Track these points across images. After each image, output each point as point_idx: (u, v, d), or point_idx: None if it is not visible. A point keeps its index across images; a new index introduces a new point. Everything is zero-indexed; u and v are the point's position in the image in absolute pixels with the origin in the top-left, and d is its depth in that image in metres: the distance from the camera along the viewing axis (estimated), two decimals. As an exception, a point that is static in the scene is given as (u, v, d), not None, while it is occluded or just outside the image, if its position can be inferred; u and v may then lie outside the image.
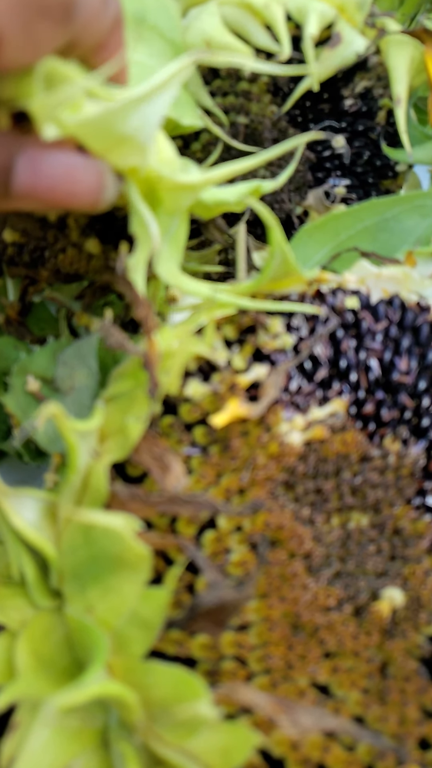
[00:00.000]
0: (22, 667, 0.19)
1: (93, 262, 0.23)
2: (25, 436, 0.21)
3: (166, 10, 0.23)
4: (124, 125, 0.16)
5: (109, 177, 0.18)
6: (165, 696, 0.17)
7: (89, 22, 0.16)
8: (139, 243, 0.19)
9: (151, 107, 0.16)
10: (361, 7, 0.27)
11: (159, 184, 0.18)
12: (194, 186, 0.19)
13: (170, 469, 0.19)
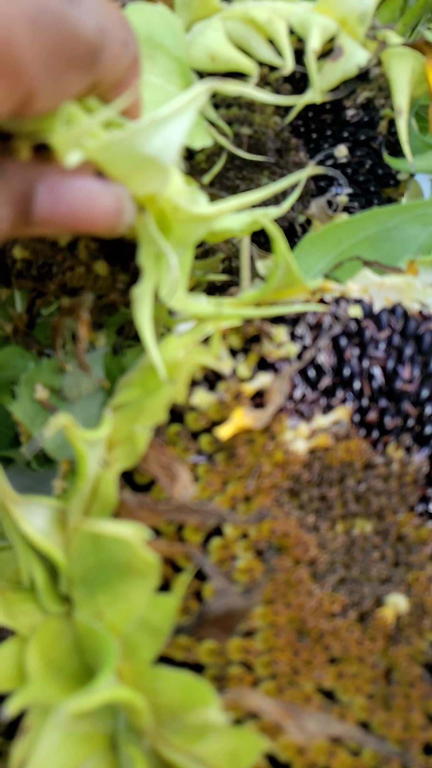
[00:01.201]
0: (33, 672, 0.19)
1: (100, 282, 0.23)
2: (36, 448, 0.22)
3: (171, 29, 0.24)
4: (146, 147, 0.16)
5: (127, 201, 0.18)
6: (173, 701, 0.17)
7: (111, 64, 0.17)
8: (147, 274, 0.19)
9: (171, 130, 0.17)
10: (363, 21, 0.28)
11: (174, 214, 0.19)
12: (208, 217, 0.20)
13: (178, 478, 0.19)
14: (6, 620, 0.20)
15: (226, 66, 0.27)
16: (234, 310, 0.23)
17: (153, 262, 0.20)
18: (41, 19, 0.15)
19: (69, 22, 0.16)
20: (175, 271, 0.19)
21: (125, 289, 0.24)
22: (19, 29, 0.15)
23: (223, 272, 0.34)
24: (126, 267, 0.23)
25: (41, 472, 0.30)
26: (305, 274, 0.27)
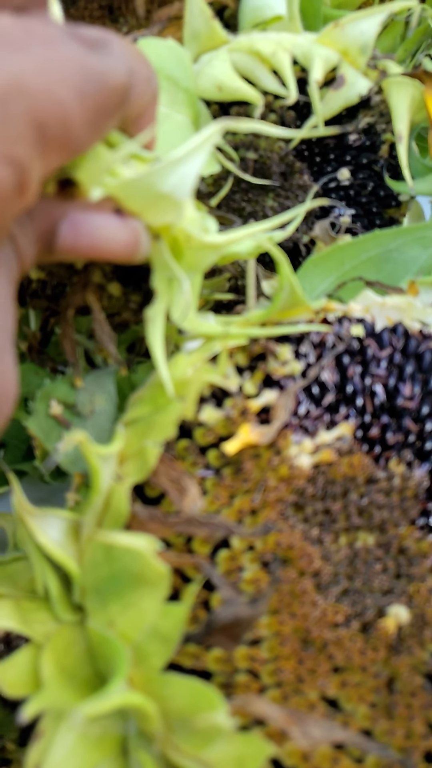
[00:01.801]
0: (47, 678, 0.20)
1: (113, 302, 0.24)
2: (53, 464, 0.23)
3: (180, 61, 0.25)
4: (162, 185, 0.17)
5: (144, 236, 0.19)
6: (183, 706, 0.18)
7: (137, 101, 0.18)
8: (159, 296, 0.20)
9: (186, 168, 0.18)
10: (364, 51, 0.29)
11: (186, 242, 0.20)
12: (219, 246, 0.21)
13: (187, 492, 0.20)
14: (21, 628, 0.21)
15: (232, 96, 0.28)
16: (241, 330, 0.24)
17: (165, 285, 0.21)
18: (86, 87, 0.16)
19: (107, 77, 0.16)
20: (187, 296, 0.20)
21: (137, 309, 0.25)
22: (71, 104, 0.16)
23: (230, 291, 0.35)
24: (138, 288, 0.25)
25: (53, 484, 0.31)
26: (309, 293, 0.28)
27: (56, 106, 0.15)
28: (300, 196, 0.33)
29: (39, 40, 0.15)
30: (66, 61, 0.15)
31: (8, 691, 0.20)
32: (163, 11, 0.31)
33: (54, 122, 0.15)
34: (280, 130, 0.22)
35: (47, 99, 0.15)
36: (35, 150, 0.15)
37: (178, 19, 0.32)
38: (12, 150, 0.15)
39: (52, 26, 0.16)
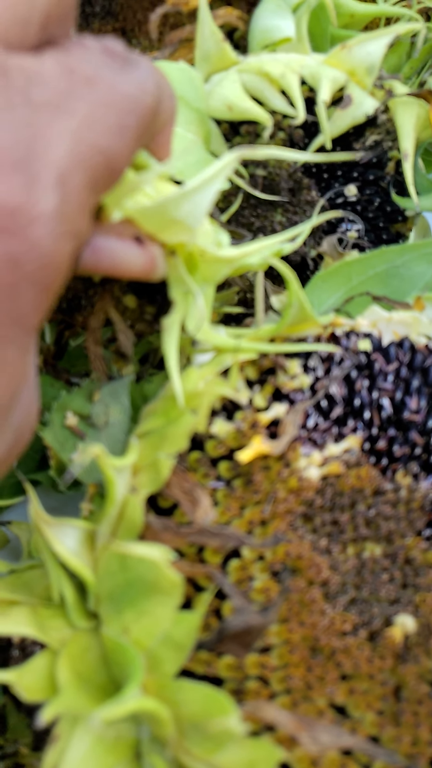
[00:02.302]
0: (64, 683, 0.20)
1: (128, 313, 0.25)
2: (71, 478, 0.24)
3: (191, 82, 0.26)
4: (177, 213, 0.18)
5: (160, 258, 0.20)
6: (195, 712, 0.19)
7: (161, 116, 0.18)
8: (176, 307, 0.21)
9: (200, 197, 0.18)
10: (370, 72, 0.29)
11: (201, 256, 0.20)
12: (232, 259, 0.21)
13: (199, 503, 0.21)
14: (38, 634, 0.22)
15: (242, 115, 0.29)
16: (252, 345, 0.24)
17: (182, 297, 0.21)
18: (127, 121, 0.16)
19: (142, 99, 0.17)
20: (201, 309, 0.20)
21: (152, 320, 0.26)
22: (117, 146, 0.16)
23: (238, 304, 0.36)
24: (153, 300, 0.25)
25: (67, 494, 0.32)
26: (317, 308, 0.29)
27: (106, 158, 0.16)
28: (308, 212, 0.33)
29: (81, 82, 0.16)
30: (108, 103, 0.16)
31: (26, 695, 0.20)
32: (175, 34, 0.32)
33: (104, 174, 0.16)
34: (294, 153, 0.23)
35: (98, 156, 0.15)
36: (91, 209, 0.16)
37: (189, 41, 0.33)
38: (75, 225, 0.15)
39: (89, 57, 0.16)
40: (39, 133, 0.14)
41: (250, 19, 0.34)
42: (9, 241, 0.14)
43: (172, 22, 0.34)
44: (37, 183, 0.14)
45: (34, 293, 0.15)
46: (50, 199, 0.14)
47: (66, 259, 0.15)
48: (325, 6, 0.33)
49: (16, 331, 0.15)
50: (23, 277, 0.14)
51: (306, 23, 0.31)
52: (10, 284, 0.14)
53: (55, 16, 0.16)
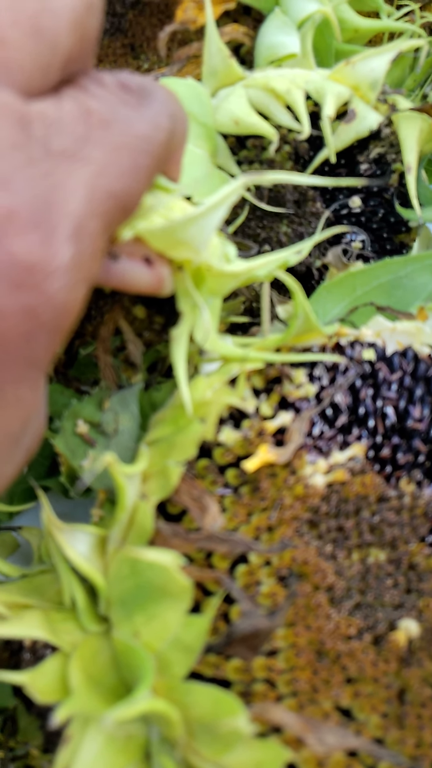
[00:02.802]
0: (76, 685, 0.21)
1: (137, 324, 0.26)
2: (83, 486, 0.24)
3: (199, 98, 0.27)
4: (184, 235, 0.19)
5: (168, 277, 0.21)
6: (204, 713, 0.19)
7: (175, 142, 0.19)
8: (185, 319, 0.22)
9: (207, 221, 0.19)
10: (374, 87, 0.30)
11: (207, 271, 0.21)
12: (238, 274, 0.22)
13: (208, 510, 0.21)
14: (51, 637, 0.22)
15: (248, 130, 0.30)
16: (259, 354, 0.25)
17: (190, 309, 0.22)
18: (141, 161, 0.17)
19: (157, 136, 0.17)
20: (207, 322, 0.21)
21: (160, 330, 0.26)
22: (132, 186, 0.16)
23: (244, 313, 0.36)
24: (161, 310, 0.26)
25: (76, 499, 0.32)
26: (322, 318, 0.29)
27: (119, 201, 0.16)
28: (313, 223, 0.34)
29: (97, 125, 0.16)
30: (123, 146, 0.16)
31: (39, 697, 0.21)
32: (183, 50, 0.33)
33: (118, 216, 0.16)
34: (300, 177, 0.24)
35: (112, 200, 0.16)
36: (104, 249, 0.16)
37: (196, 57, 0.34)
38: (90, 272, 0.16)
39: (106, 95, 0.17)
40: (57, 184, 0.15)
41: (256, 35, 0.35)
42: (27, 295, 0.14)
43: (180, 38, 0.35)
44: (54, 237, 0.15)
45: (48, 338, 0.15)
46: (66, 252, 0.15)
47: (79, 304, 0.16)
48: (329, 22, 0.34)
49: (30, 372, 0.16)
50: (39, 326, 0.15)
51: (311, 39, 0.32)
52: (26, 333, 0.15)
53: (76, 56, 0.17)
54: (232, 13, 0.36)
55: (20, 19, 0.15)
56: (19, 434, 0.17)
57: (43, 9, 0.15)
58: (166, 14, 0.35)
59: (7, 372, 0.15)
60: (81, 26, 0.17)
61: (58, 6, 0.16)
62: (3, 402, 0.15)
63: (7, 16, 0.15)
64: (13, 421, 0.16)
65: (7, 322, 0.14)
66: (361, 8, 0.37)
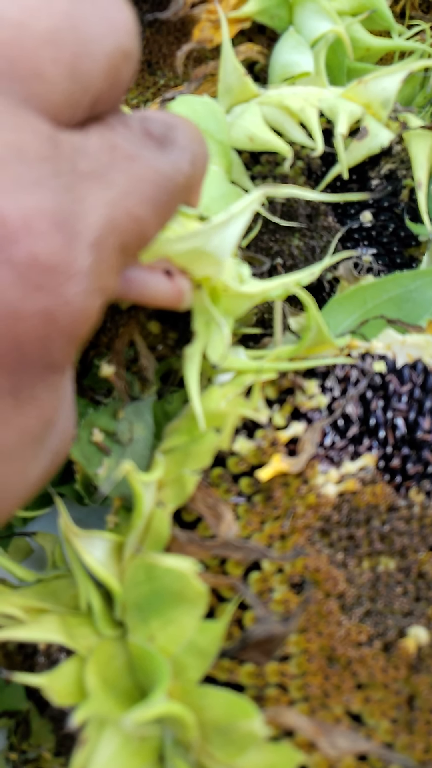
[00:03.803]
0: (92, 689, 0.21)
1: (150, 338, 0.26)
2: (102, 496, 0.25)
3: (214, 116, 0.27)
4: (207, 245, 0.20)
5: (188, 290, 0.21)
6: (219, 716, 0.20)
7: (195, 178, 0.20)
8: (199, 338, 0.22)
9: (229, 231, 0.20)
10: (386, 105, 0.31)
11: (224, 291, 0.22)
12: (253, 295, 0.23)
13: (223, 518, 0.22)
14: (68, 641, 0.23)
15: (263, 146, 0.30)
16: (273, 365, 0.26)
17: (204, 327, 0.23)
18: (160, 197, 0.17)
19: (177, 178, 0.18)
20: (228, 340, 0.22)
21: (174, 345, 0.27)
22: (149, 219, 0.17)
23: (256, 324, 0.37)
24: (175, 326, 0.27)
25: (90, 506, 0.33)
26: (333, 330, 0.30)
27: (138, 226, 0.17)
28: (324, 237, 0.35)
29: (122, 158, 0.17)
30: (145, 177, 0.17)
31: (56, 699, 0.21)
32: (200, 69, 0.34)
33: (135, 240, 0.17)
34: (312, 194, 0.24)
35: (131, 223, 0.17)
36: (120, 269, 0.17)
37: (212, 75, 0.35)
38: (105, 281, 0.16)
39: (131, 137, 0.18)
40: (80, 198, 0.15)
41: (270, 53, 0.36)
42: (46, 298, 0.15)
43: (196, 55, 0.36)
44: (75, 243, 0.15)
45: (65, 343, 0.16)
46: (86, 259, 0.15)
47: (95, 313, 0.16)
48: (342, 41, 0.35)
49: (47, 374, 0.16)
50: (56, 330, 0.15)
51: (324, 58, 0.33)
52: (43, 337, 0.15)
53: (105, 98, 0.17)
54: (247, 32, 0.37)
55: (61, 58, 0.16)
56: (40, 434, 0.17)
57: (83, 52, 0.16)
58: (182, 32, 0.36)
59: (24, 374, 0.15)
60: (115, 72, 0.17)
61: (98, 51, 0.16)
62: (20, 402, 0.16)
63: (49, 52, 0.15)
64: (31, 421, 0.16)
65: (25, 324, 0.15)
66: (372, 27, 0.38)
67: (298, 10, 0.35)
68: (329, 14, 0.35)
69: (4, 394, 0.15)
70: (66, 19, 0.16)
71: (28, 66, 0.15)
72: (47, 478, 0.19)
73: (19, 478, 0.17)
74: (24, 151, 0.15)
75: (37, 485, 0.19)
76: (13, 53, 0.15)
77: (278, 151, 0.30)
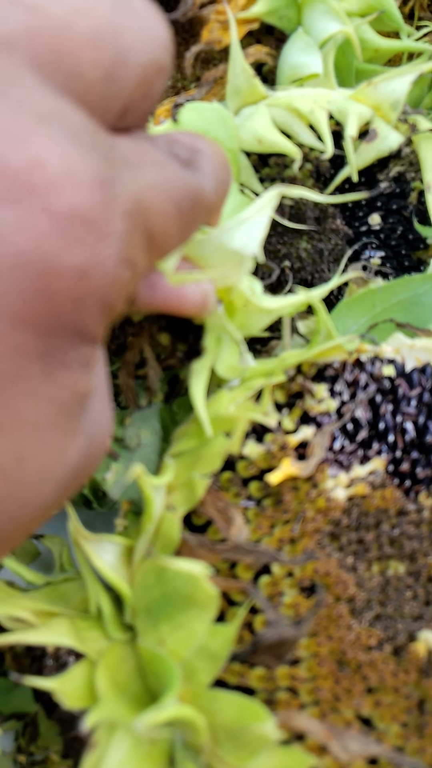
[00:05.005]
0: (103, 692, 0.21)
1: (159, 349, 0.26)
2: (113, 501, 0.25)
3: (224, 122, 0.27)
4: (232, 243, 0.20)
5: (212, 296, 0.21)
6: (230, 720, 0.20)
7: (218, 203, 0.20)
8: (208, 353, 0.22)
9: (253, 227, 0.20)
10: (395, 108, 0.31)
11: (244, 306, 0.22)
12: (273, 311, 0.23)
13: (233, 522, 0.22)
14: (78, 645, 0.23)
15: (272, 148, 0.30)
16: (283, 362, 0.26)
17: (214, 343, 0.23)
18: (183, 205, 0.18)
19: (200, 196, 0.18)
20: (250, 362, 0.22)
21: (183, 357, 0.27)
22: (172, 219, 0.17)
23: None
24: (185, 339, 0.27)
25: (97, 510, 0.33)
26: (341, 333, 0.30)
27: (162, 220, 0.17)
28: (332, 239, 0.35)
29: (150, 161, 0.17)
30: (171, 180, 0.17)
31: (67, 703, 0.22)
32: (210, 73, 0.34)
33: (159, 234, 0.17)
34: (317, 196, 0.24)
35: (157, 214, 0.17)
36: (144, 256, 0.17)
37: (221, 78, 0.34)
38: (134, 256, 0.16)
39: (158, 149, 0.18)
40: (116, 175, 0.15)
41: (278, 54, 0.36)
42: (83, 254, 0.14)
43: (204, 57, 0.36)
44: (113, 206, 0.15)
45: (96, 310, 0.15)
46: (120, 224, 0.15)
47: (124, 287, 0.16)
48: (350, 42, 0.35)
49: (79, 343, 0.16)
50: (88, 292, 0.15)
51: (332, 59, 0.33)
52: (76, 297, 0.15)
53: (135, 109, 0.18)
54: (255, 33, 0.37)
55: (100, 60, 0.16)
56: (72, 409, 0.16)
57: (120, 59, 0.16)
58: (190, 33, 0.36)
59: (55, 338, 0.15)
60: (148, 85, 0.17)
61: (134, 60, 0.17)
62: (51, 369, 0.15)
63: (90, 53, 0.16)
64: (63, 392, 0.16)
65: (59, 280, 0.14)
66: (381, 28, 0.38)
67: (307, 11, 0.35)
68: (338, 15, 0.35)
69: (33, 359, 0.15)
70: (107, 25, 0.16)
71: (71, 62, 0.16)
72: (86, 471, 0.19)
73: (54, 455, 0.16)
74: (64, 118, 0.15)
75: (77, 474, 0.18)
76: (59, 48, 0.15)
77: (287, 153, 0.30)
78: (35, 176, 0.14)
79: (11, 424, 0.15)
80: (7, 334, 0.14)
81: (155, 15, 0.18)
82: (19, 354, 0.15)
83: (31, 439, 0.16)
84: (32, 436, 0.16)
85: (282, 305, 0.23)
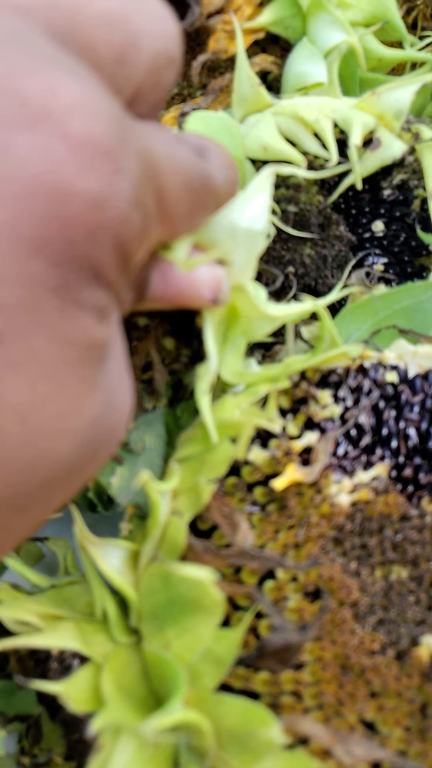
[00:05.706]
0: (108, 696, 0.22)
1: (164, 353, 0.27)
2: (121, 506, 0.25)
3: (230, 130, 0.28)
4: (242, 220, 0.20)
5: (225, 283, 0.21)
6: (235, 724, 0.20)
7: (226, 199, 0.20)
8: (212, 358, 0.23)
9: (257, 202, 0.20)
10: (398, 117, 0.31)
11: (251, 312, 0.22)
12: (278, 318, 0.23)
13: (239, 527, 0.22)
14: (83, 648, 0.23)
15: (277, 156, 0.31)
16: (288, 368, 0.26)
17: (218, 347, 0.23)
18: (193, 183, 0.18)
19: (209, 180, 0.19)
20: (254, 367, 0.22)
21: (188, 361, 0.27)
22: (181, 191, 0.17)
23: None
24: (189, 343, 0.27)
25: (101, 513, 0.33)
26: (344, 339, 0.30)
27: (173, 187, 0.17)
28: (336, 246, 0.35)
29: (162, 138, 0.17)
30: (182, 157, 0.18)
31: (72, 706, 0.22)
32: (216, 82, 0.34)
33: (169, 200, 0.17)
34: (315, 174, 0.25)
35: (168, 180, 0.17)
36: (155, 214, 0.17)
37: (227, 86, 0.35)
38: (145, 200, 0.16)
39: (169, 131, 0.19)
40: (129, 125, 0.16)
41: (283, 63, 0.36)
42: (98, 181, 0.14)
43: (210, 65, 0.36)
44: (127, 145, 0.15)
45: (110, 247, 0.15)
46: (134, 164, 0.15)
47: (136, 232, 0.16)
48: (354, 51, 0.35)
49: (93, 285, 0.15)
50: (102, 225, 0.15)
51: (337, 68, 0.33)
52: (90, 226, 0.15)
53: (145, 96, 0.18)
54: (261, 42, 0.37)
55: (112, 41, 0.17)
56: (88, 359, 0.16)
57: (132, 43, 0.17)
58: (196, 41, 0.36)
59: (69, 272, 0.15)
60: (158, 73, 0.18)
61: (145, 47, 0.17)
62: (65, 306, 0.15)
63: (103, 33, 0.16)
64: (78, 333, 0.15)
65: (74, 206, 0.14)
66: (384, 38, 0.38)
67: (312, 20, 0.36)
68: (343, 25, 0.35)
69: (47, 291, 0.14)
70: (121, 8, 0.17)
71: (85, 39, 0.16)
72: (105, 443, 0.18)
73: (71, 403, 0.16)
74: (80, 69, 0.15)
75: (95, 439, 0.17)
76: (73, 22, 0.16)
77: (292, 160, 0.31)
78: (52, 102, 0.14)
79: (26, 360, 0.15)
80: (23, 260, 0.14)
81: (167, 9, 0.18)
82: (34, 282, 0.14)
83: (47, 380, 0.15)
84: (48, 378, 0.15)
85: (287, 313, 0.24)
